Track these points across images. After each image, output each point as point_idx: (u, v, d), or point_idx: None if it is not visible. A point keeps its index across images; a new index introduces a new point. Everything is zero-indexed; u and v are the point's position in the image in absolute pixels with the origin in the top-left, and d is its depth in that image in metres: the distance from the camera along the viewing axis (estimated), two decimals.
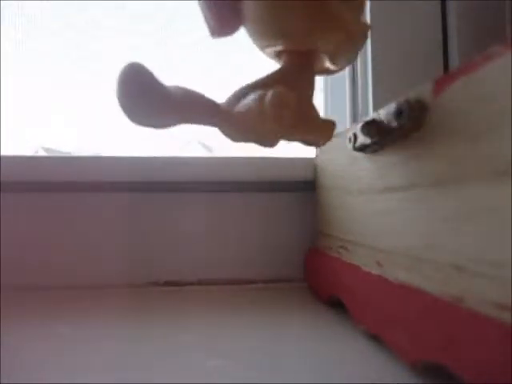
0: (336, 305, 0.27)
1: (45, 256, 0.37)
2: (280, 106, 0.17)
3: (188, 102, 0.17)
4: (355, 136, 0.24)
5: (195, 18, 0.21)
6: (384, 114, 0.20)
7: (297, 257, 0.38)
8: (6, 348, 0.21)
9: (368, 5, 0.42)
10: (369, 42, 0.42)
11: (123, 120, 0.18)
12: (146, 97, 0.15)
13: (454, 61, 0.41)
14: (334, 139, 0.30)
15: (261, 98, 0.17)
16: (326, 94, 0.48)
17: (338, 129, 0.22)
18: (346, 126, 0.41)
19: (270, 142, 0.19)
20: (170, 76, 0.17)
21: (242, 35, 0.21)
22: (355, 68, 0.44)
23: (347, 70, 0.45)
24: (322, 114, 0.21)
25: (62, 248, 0.37)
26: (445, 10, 0.42)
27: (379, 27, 0.42)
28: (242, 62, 0.51)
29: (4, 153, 0.37)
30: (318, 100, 0.47)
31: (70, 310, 0.29)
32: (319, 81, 0.48)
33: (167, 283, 0.37)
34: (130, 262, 0.37)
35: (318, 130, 0.21)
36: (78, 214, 0.38)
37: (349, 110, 0.44)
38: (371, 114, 0.22)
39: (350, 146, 0.24)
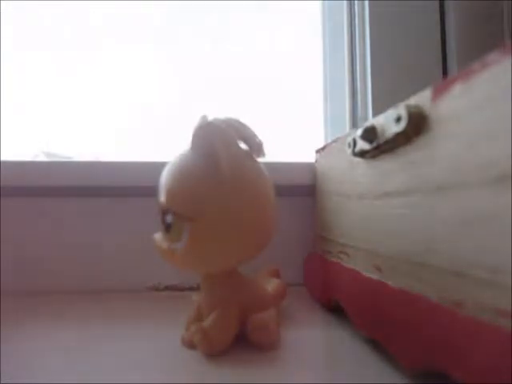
0: (335, 309, 0.27)
1: (45, 260, 0.37)
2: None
3: None
4: (355, 141, 0.24)
5: None
6: (383, 119, 0.20)
7: (296, 261, 0.38)
8: (6, 348, 0.21)
9: (367, 11, 0.43)
10: (368, 47, 0.42)
11: (124, 125, 0.18)
12: None
13: (453, 67, 0.41)
14: (333, 144, 0.30)
15: None
16: (326, 100, 0.48)
17: (339, 134, 0.22)
18: (346, 132, 0.41)
19: None
20: None
21: None
22: (355, 74, 0.44)
23: (346, 75, 0.45)
24: (321, 119, 0.21)
25: (62, 252, 0.37)
26: (443, 16, 0.42)
27: (378, 33, 0.42)
28: None
29: (4, 157, 0.37)
30: (318, 106, 0.47)
31: (70, 314, 0.29)
32: (319, 85, 0.48)
33: (167, 288, 0.37)
34: (130, 266, 0.37)
35: None
36: (79, 219, 0.38)
37: (348, 116, 0.45)
38: (370, 120, 0.22)
39: (350, 151, 0.24)
